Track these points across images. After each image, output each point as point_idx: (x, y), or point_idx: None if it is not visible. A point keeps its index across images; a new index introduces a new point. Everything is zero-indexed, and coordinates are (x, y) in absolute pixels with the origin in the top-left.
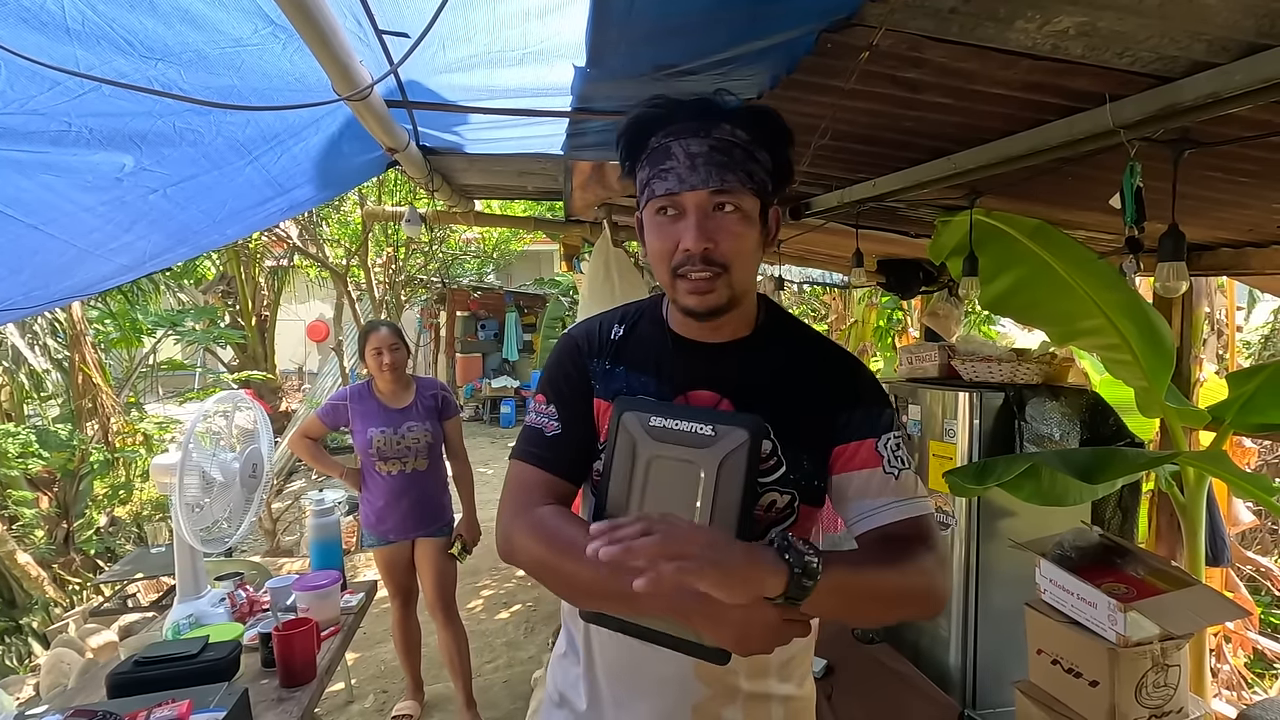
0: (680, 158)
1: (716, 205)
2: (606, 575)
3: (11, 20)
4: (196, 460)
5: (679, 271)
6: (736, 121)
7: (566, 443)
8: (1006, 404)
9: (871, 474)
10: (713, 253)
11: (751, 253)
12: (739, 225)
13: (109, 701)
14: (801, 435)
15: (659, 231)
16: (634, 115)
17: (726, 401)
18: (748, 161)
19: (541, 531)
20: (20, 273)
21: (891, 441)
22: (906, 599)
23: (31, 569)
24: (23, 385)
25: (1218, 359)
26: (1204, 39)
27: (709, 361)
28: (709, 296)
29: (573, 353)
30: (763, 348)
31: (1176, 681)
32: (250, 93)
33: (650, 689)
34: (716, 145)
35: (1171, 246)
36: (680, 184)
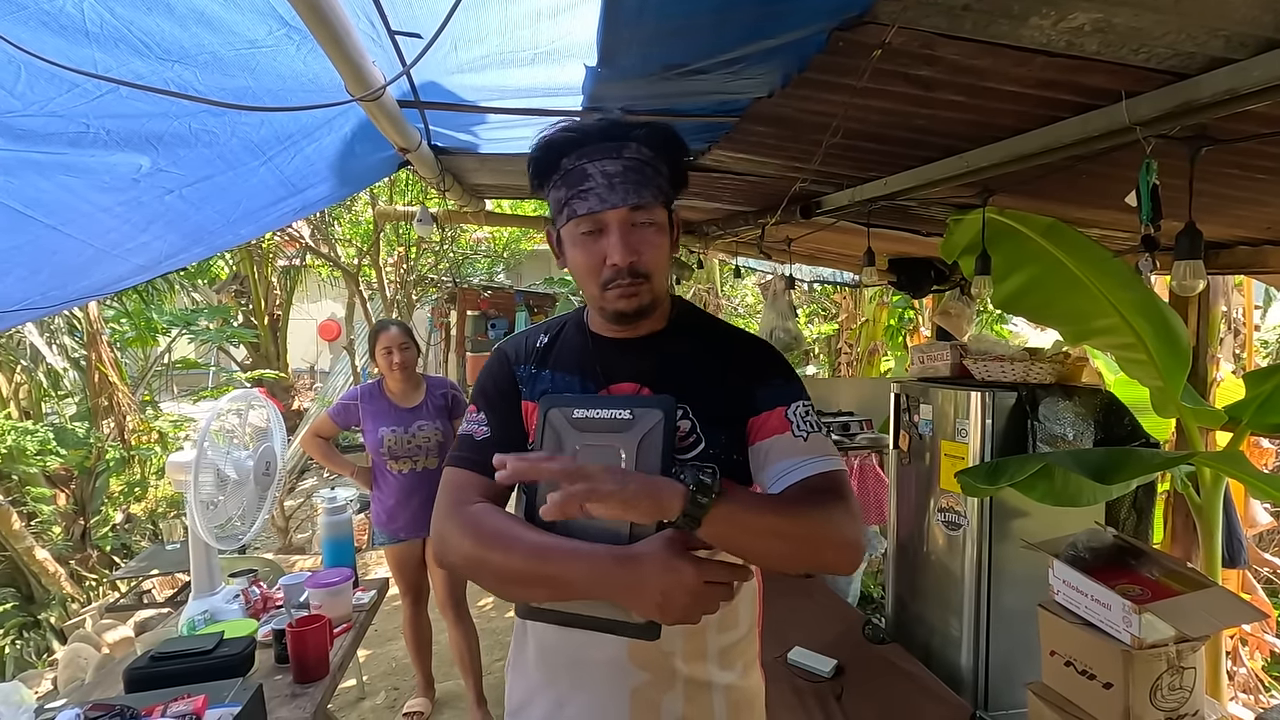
0: (598, 178)
1: (635, 221)
2: (533, 561)
3: (32, 24)
4: (211, 458)
5: (609, 286)
6: (643, 140)
7: (495, 445)
8: (1019, 404)
9: (783, 438)
10: (637, 264)
11: (667, 259)
12: (656, 236)
13: (126, 696)
14: (717, 413)
15: (584, 249)
16: (545, 139)
17: (646, 389)
18: (656, 177)
19: (471, 527)
20: (40, 272)
21: (800, 408)
22: (812, 542)
23: (49, 565)
24: (41, 383)
25: (1234, 358)
26: (1222, 34)
27: (628, 356)
28: (634, 300)
29: (501, 362)
30: (676, 339)
31: (1192, 684)
32: (265, 94)
33: (589, 678)
34: (630, 165)
35: (1188, 244)
36: (601, 203)
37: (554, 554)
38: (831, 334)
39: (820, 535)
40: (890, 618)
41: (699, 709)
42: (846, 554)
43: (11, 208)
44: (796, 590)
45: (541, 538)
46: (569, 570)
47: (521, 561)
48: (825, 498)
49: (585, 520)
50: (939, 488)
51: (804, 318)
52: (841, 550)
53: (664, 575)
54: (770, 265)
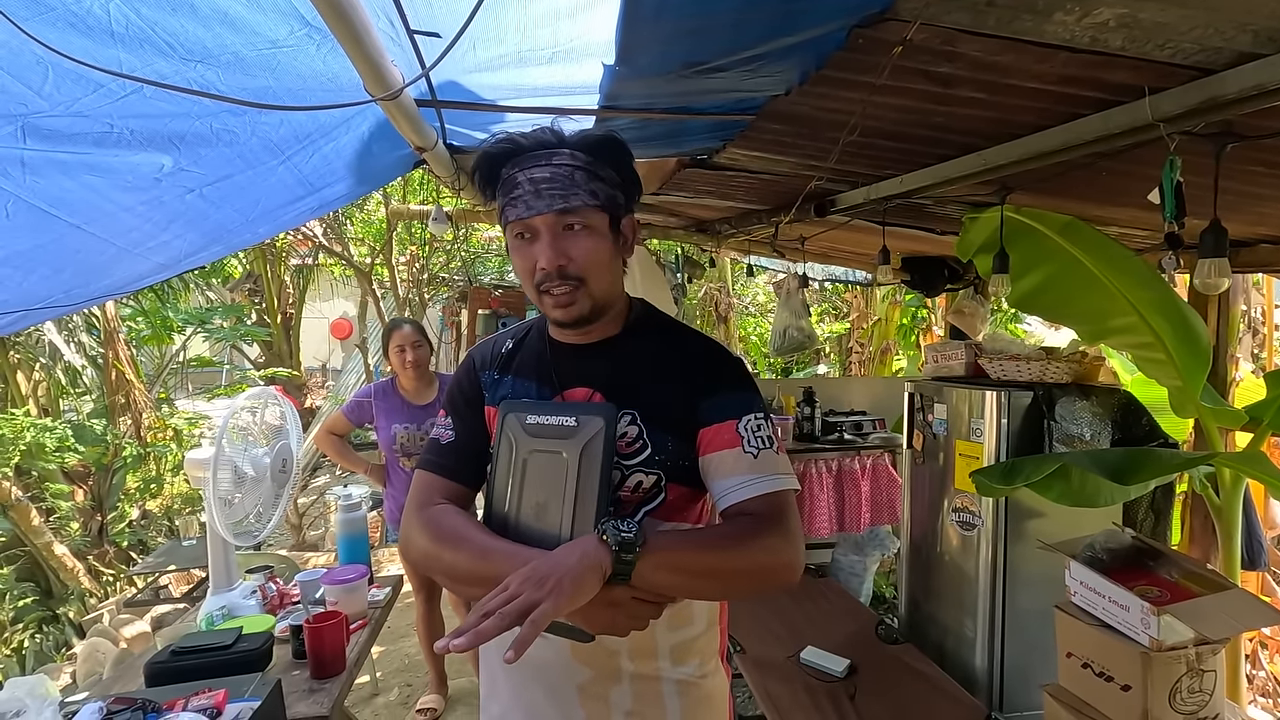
0: (526, 185)
1: (566, 225)
2: (476, 561)
3: (60, 25)
4: (229, 455)
5: (542, 288)
6: (577, 146)
7: (459, 448)
8: (1035, 403)
9: (730, 454)
10: (567, 268)
11: (604, 263)
12: (589, 240)
13: (147, 690)
14: (665, 419)
15: (519, 254)
16: (482, 152)
17: (598, 395)
18: (590, 181)
19: (429, 526)
20: (63, 271)
21: (752, 422)
22: (747, 575)
23: (68, 560)
24: (59, 381)
25: (1253, 358)
26: (1250, 29)
27: (582, 361)
28: (571, 308)
29: (468, 368)
30: (630, 344)
31: (1212, 687)
32: (285, 93)
33: (538, 674)
34: (558, 171)
35: (1213, 242)
36: (528, 209)
37: (494, 555)
38: (843, 333)
39: (755, 567)
40: (904, 618)
41: (648, 704)
42: (783, 577)
43: (37, 207)
44: (809, 591)
45: (486, 540)
46: (505, 570)
47: (467, 561)
48: (762, 524)
49: (531, 523)
50: (953, 487)
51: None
52: (777, 575)
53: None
54: (783, 264)
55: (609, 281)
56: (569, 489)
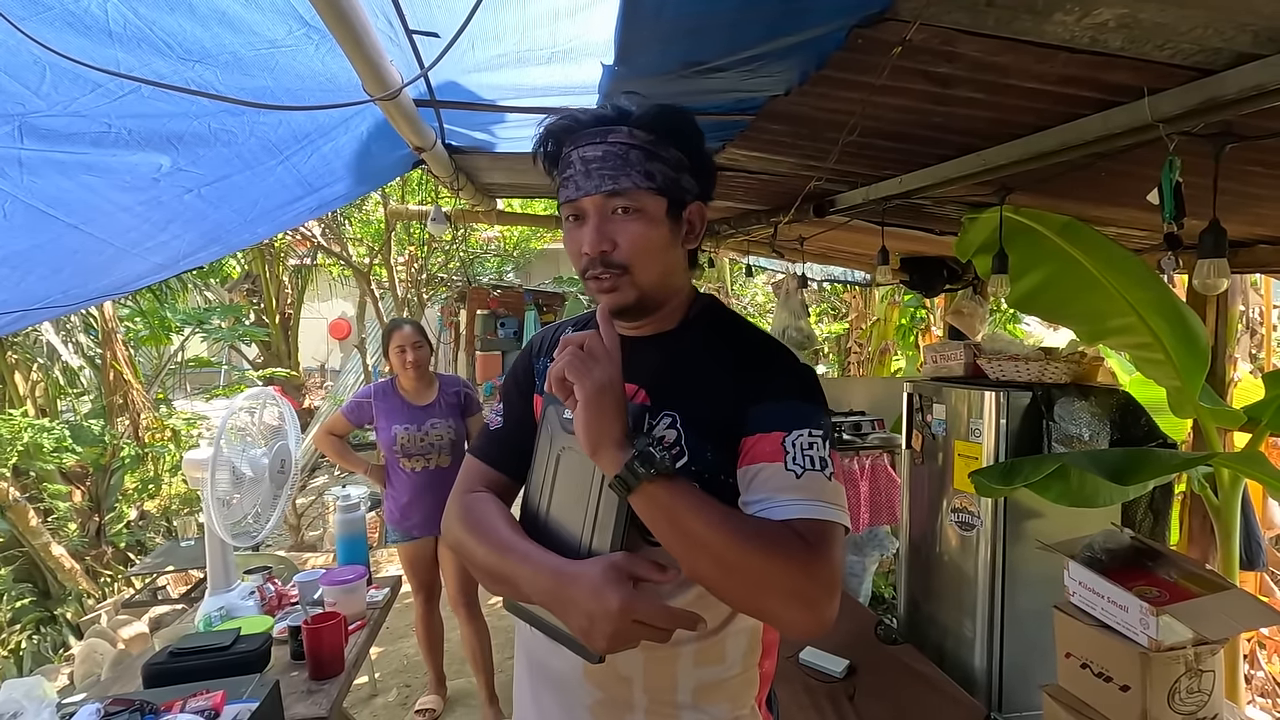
0: (578, 165)
1: (614, 209)
2: (496, 556)
3: (57, 24)
4: (227, 455)
5: (586, 275)
6: (637, 123)
7: (504, 437)
8: (1034, 403)
9: (769, 469)
10: (611, 254)
11: (656, 252)
12: (638, 226)
13: (145, 691)
14: (707, 425)
15: (569, 237)
16: (544, 129)
17: (643, 393)
18: (647, 161)
19: (463, 513)
20: (61, 271)
21: (803, 439)
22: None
23: (65, 561)
24: (57, 381)
25: (1251, 358)
26: (1250, 30)
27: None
28: (614, 296)
29: (525, 354)
30: (683, 341)
31: (1211, 687)
32: (284, 93)
33: (554, 684)
34: (611, 149)
35: (1212, 243)
36: (577, 190)
37: (512, 553)
38: (841, 333)
39: (764, 576)
40: (903, 618)
41: None
42: (795, 611)
43: (34, 207)
44: None
45: (509, 535)
46: (518, 571)
47: (488, 554)
48: (793, 541)
49: (557, 523)
50: (952, 488)
51: (814, 317)
52: (789, 604)
53: (590, 599)
54: (782, 264)
55: (660, 272)
56: (593, 494)
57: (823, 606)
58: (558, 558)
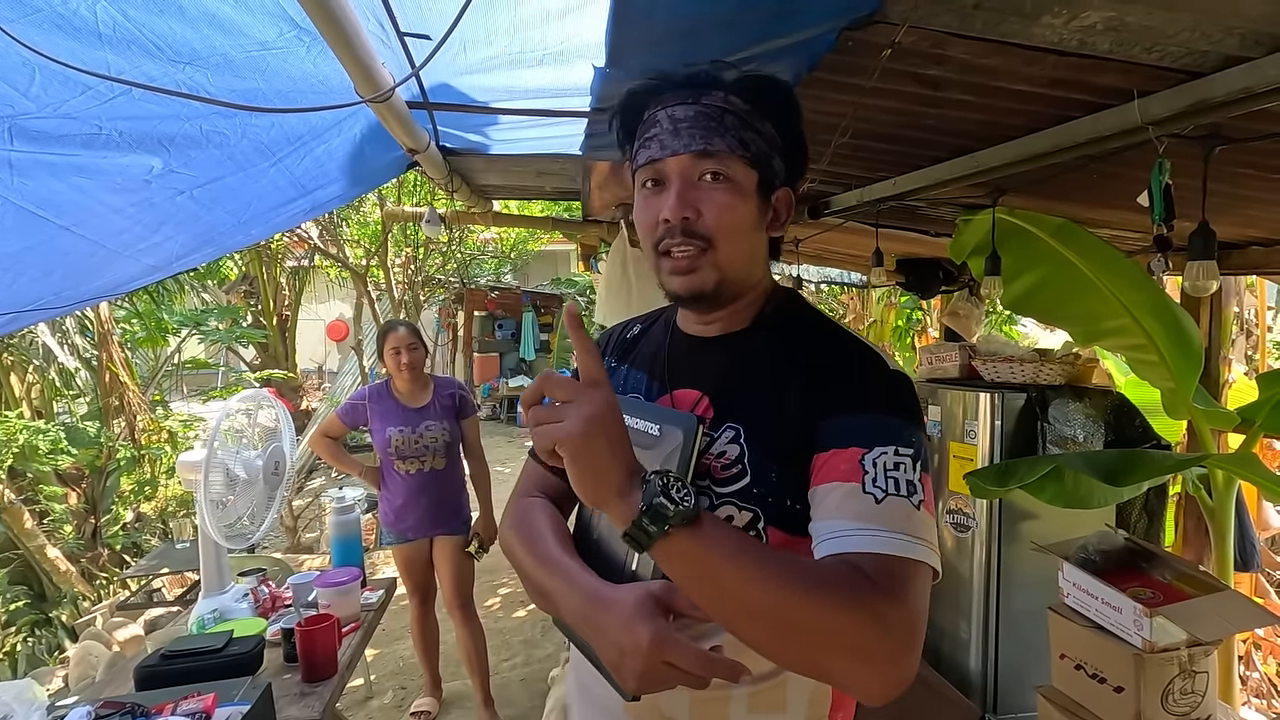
0: (665, 124)
1: (702, 173)
2: (539, 570)
3: (46, 26)
4: (221, 458)
5: (661, 248)
6: (734, 89)
7: None
8: (1029, 405)
9: (842, 489)
10: (694, 223)
11: (744, 229)
12: (727, 195)
13: (137, 694)
14: (774, 442)
15: (643, 206)
16: (629, 91)
17: (705, 400)
18: (742, 129)
19: (515, 520)
20: (52, 273)
21: (887, 458)
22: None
23: (61, 563)
24: (53, 383)
25: (1246, 360)
26: (1237, 33)
27: (699, 357)
28: (692, 277)
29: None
30: (755, 342)
31: (1204, 689)
32: (275, 95)
33: (598, 710)
34: (704, 110)
35: (1201, 245)
36: (662, 149)
37: (555, 568)
38: None
39: (823, 633)
40: None
41: None
42: (861, 672)
43: (25, 209)
44: None
45: (553, 548)
46: (558, 589)
47: (532, 566)
48: (861, 587)
49: (605, 540)
50: (947, 489)
51: None
52: (854, 664)
53: (620, 631)
54: (777, 266)
55: (745, 255)
56: None
57: (897, 666)
58: (595, 580)
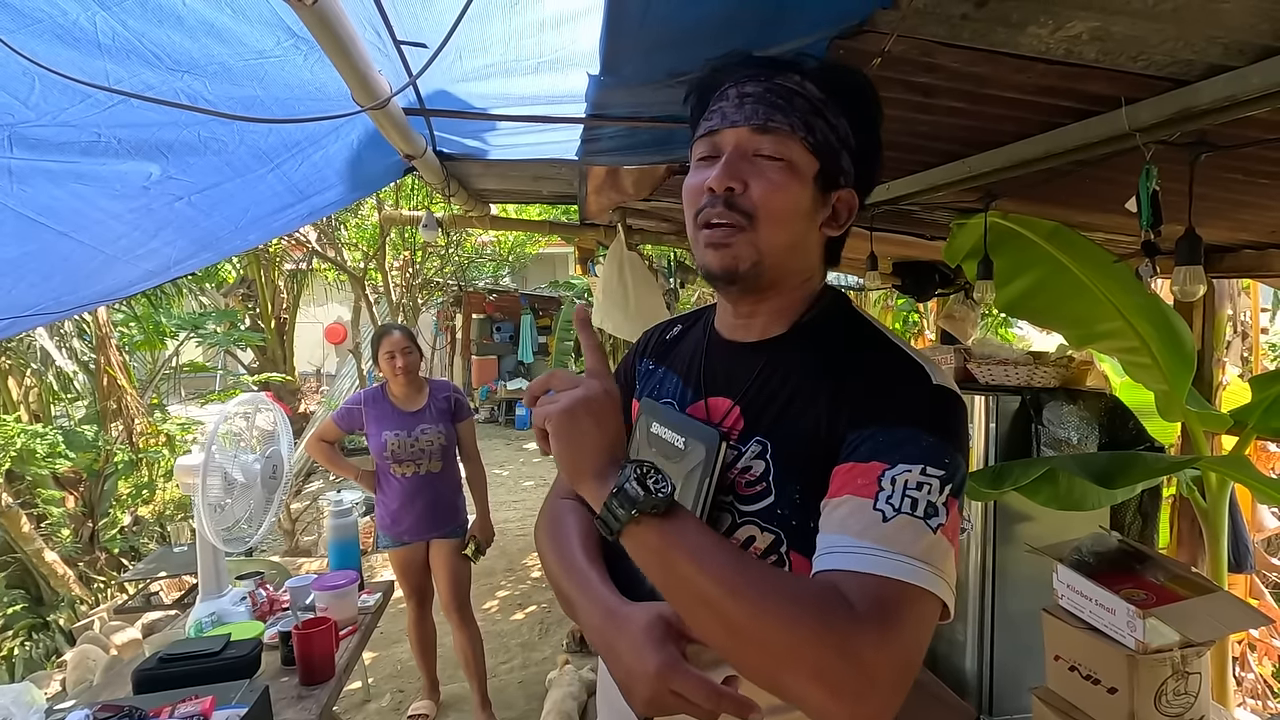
0: (732, 98)
1: (758, 150)
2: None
3: (47, 37)
4: (219, 461)
5: (700, 219)
6: (810, 75)
7: None
8: (1023, 407)
9: (853, 503)
10: (738, 196)
11: (791, 215)
12: (779, 175)
13: (135, 697)
14: (801, 459)
15: (692, 179)
16: (710, 67)
17: (736, 411)
18: (811, 114)
19: (548, 520)
20: (51, 278)
21: (910, 477)
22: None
23: (58, 567)
24: (50, 386)
25: (1242, 362)
26: (1220, 42)
27: (734, 362)
28: (726, 253)
29: (631, 351)
30: (793, 349)
31: (1197, 689)
32: (273, 103)
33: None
34: (774, 88)
35: (1188, 250)
36: (722, 120)
37: (575, 576)
38: None
39: (782, 646)
40: None
41: None
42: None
43: (24, 215)
44: None
45: (577, 554)
46: (577, 598)
47: (556, 570)
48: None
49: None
50: None
51: None
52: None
53: (630, 653)
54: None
55: (787, 243)
56: None
57: (865, 700)
58: (612, 594)
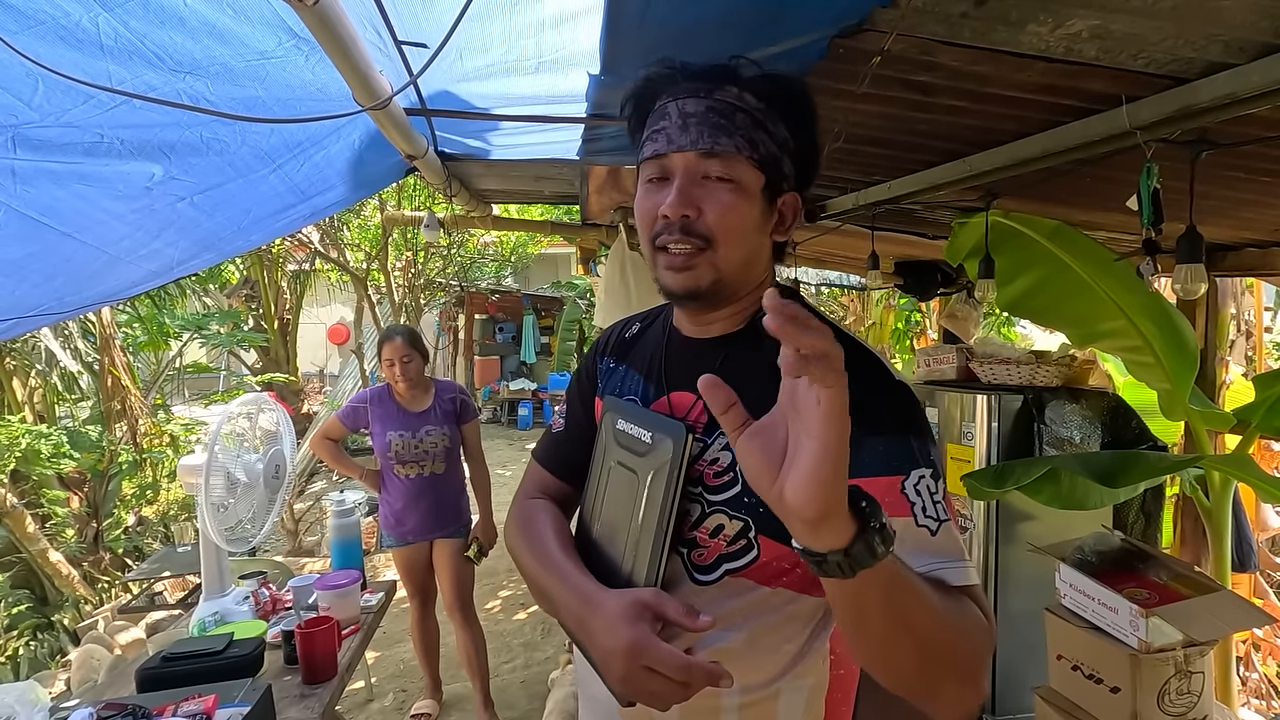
0: (674, 117)
1: (707, 173)
2: (537, 571)
3: (50, 38)
4: (222, 461)
5: (658, 243)
6: (748, 86)
7: (564, 441)
8: (1025, 406)
9: (899, 525)
10: (694, 222)
11: (745, 231)
12: (730, 196)
13: (138, 695)
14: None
15: (643, 199)
16: (644, 78)
17: (700, 405)
18: (753, 129)
19: (517, 519)
20: (54, 279)
21: (925, 482)
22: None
23: (63, 567)
24: (55, 387)
25: (1246, 361)
26: (1220, 40)
27: (695, 359)
28: (686, 275)
29: (592, 351)
30: (753, 345)
31: (1200, 689)
32: (274, 103)
33: (596, 709)
34: (715, 106)
35: (1189, 248)
36: (668, 144)
37: (552, 569)
38: None
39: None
40: None
41: None
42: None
43: (28, 216)
44: None
45: (553, 549)
46: (555, 590)
47: (532, 566)
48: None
49: (603, 541)
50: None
51: None
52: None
53: (605, 634)
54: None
55: (743, 257)
56: (635, 517)
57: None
58: (590, 582)
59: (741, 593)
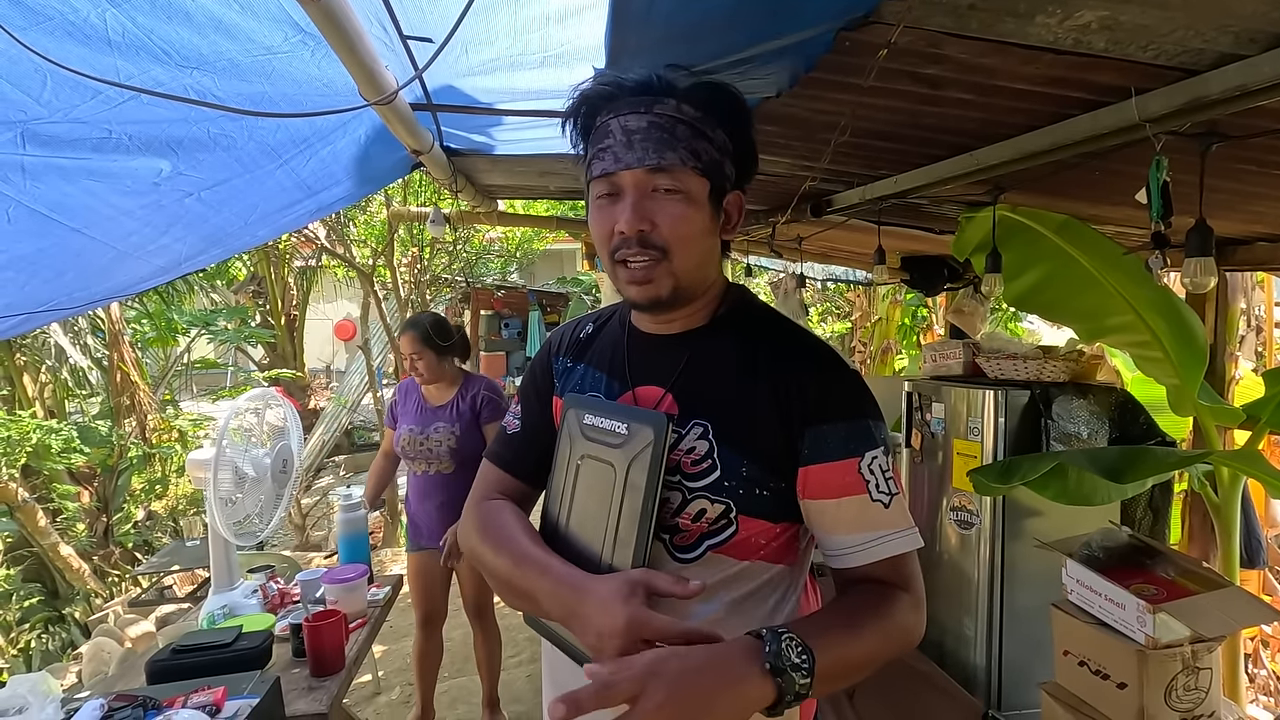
0: (618, 135)
1: (656, 187)
2: (512, 568)
3: (58, 34)
4: (230, 456)
5: (617, 257)
6: (685, 97)
7: (521, 441)
8: (1032, 402)
9: (853, 502)
10: (650, 235)
11: (697, 237)
12: (679, 207)
13: (148, 687)
14: (742, 439)
15: (598, 215)
16: (580, 94)
17: (669, 398)
18: (694, 139)
19: (478, 523)
20: (64, 274)
21: (878, 461)
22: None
23: (73, 561)
24: (65, 383)
25: (1256, 356)
26: (1231, 31)
27: (659, 355)
28: (648, 287)
29: (544, 353)
30: (715, 339)
31: (1208, 685)
32: (280, 98)
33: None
34: (657, 121)
35: (1199, 242)
36: (616, 163)
37: (529, 564)
38: (845, 332)
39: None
40: None
41: None
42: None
43: (37, 211)
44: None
45: (528, 545)
46: (536, 585)
47: (505, 565)
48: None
49: (576, 534)
50: (951, 487)
51: (817, 316)
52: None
53: (601, 615)
54: (782, 264)
55: (697, 261)
56: (614, 507)
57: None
58: (575, 570)
59: (722, 567)
